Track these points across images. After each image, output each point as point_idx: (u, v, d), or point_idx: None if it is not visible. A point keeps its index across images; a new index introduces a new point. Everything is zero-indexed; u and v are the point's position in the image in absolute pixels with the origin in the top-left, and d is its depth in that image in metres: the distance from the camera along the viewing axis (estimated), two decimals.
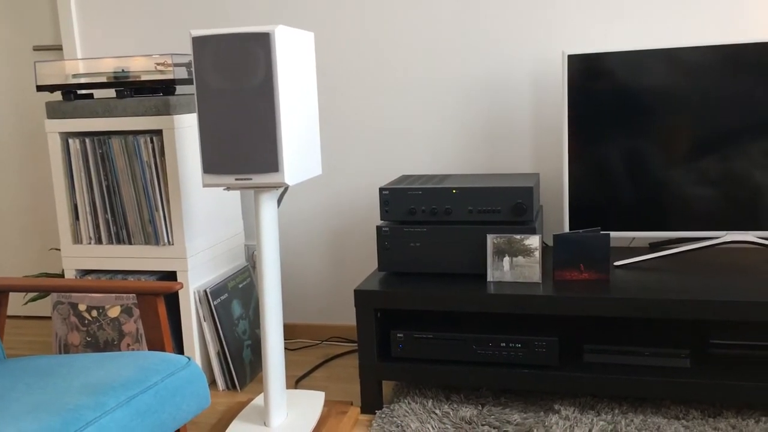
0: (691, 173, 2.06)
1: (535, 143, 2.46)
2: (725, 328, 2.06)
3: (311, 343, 2.76)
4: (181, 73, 2.25)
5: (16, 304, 3.24)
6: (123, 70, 2.24)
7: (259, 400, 2.10)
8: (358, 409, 2.12)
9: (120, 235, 2.27)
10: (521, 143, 2.47)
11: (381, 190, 2.13)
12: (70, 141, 2.25)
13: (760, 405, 1.99)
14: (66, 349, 2.28)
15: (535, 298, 1.92)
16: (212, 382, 2.38)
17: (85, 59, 2.26)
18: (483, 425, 1.96)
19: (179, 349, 2.30)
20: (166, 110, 2.16)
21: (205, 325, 2.27)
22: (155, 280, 2.26)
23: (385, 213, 2.14)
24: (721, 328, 2.06)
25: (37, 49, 3.00)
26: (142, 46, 2.78)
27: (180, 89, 2.52)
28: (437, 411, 2.05)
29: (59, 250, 3.07)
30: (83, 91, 2.39)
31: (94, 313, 2.25)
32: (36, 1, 2.98)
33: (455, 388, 2.20)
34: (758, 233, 2.04)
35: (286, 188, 1.94)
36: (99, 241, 2.29)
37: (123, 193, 2.23)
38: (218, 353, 2.31)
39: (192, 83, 2.30)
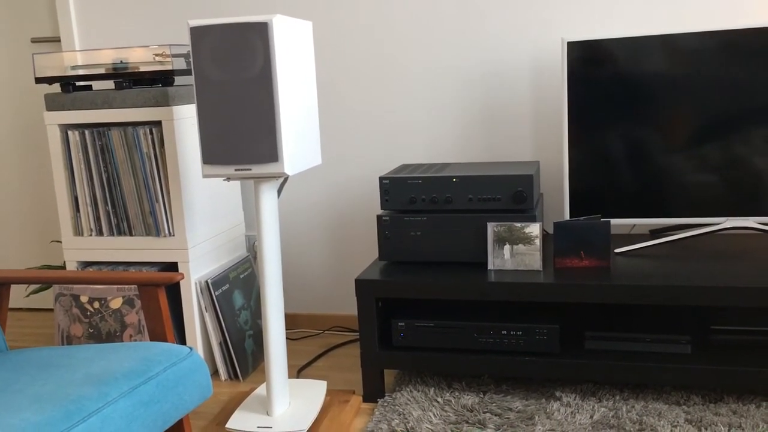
0: (692, 159, 2.06)
1: (535, 131, 2.46)
2: (726, 314, 2.06)
3: (313, 332, 2.77)
4: (180, 64, 2.24)
5: (18, 296, 3.25)
6: (121, 62, 2.23)
7: (261, 389, 2.11)
8: (360, 398, 2.12)
9: (121, 226, 2.27)
10: (521, 131, 2.47)
11: (381, 179, 2.13)
12: (70, 133, 2.25)
13: (760, 390, 2.00)
14: (68, 340, 2.29)
15: (536, 286, 1.93)
16: (214, 372, 2.39)
17: (83, 51, 2.26)
18: (485, 413, 1.96)
19: (181, 339, 2.31)
20: (165, 101, 2.16)
21: (206, 315, 2.28)
22: (157, 271, 2.26)
23: (385, 202, 2.14)
24: (722, 314, 2.06)
25: (35, 41, 2.99)
26: (141, 37, 2.77)
27: (179, 80, 2.52)
28: (439, 399, 2.06)
29: (60, 242, 3.07)
30: (82, 83, 2.39)
31: (96, 304, 2.25)
32: None
33: (457, 376, 2.21)
34: (758, 219, 2.04)
35: (286, 178, 1.94)
36: (100, 232, 2.29)
37: (123, 184, 2.23)
38: (220, 343, 2.32)
39: (191, 74, 2.30)
